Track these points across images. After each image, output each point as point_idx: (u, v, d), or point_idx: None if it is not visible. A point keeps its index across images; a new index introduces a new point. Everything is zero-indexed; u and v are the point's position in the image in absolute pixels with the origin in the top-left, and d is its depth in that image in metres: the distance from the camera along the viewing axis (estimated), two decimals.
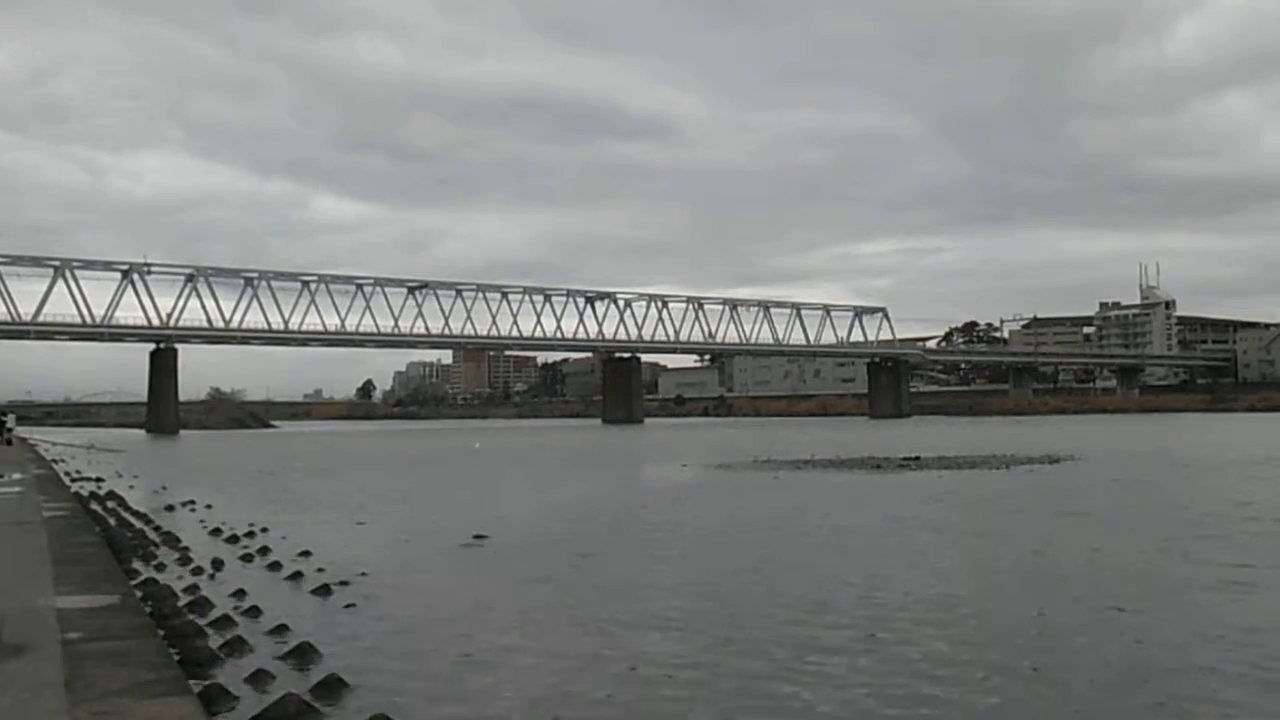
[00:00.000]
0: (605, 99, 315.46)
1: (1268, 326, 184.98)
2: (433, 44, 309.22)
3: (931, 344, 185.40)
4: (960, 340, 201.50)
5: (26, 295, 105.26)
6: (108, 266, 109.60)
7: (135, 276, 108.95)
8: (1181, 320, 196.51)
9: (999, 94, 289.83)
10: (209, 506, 23.35)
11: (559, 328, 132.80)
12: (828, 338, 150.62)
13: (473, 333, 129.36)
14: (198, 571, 13.66)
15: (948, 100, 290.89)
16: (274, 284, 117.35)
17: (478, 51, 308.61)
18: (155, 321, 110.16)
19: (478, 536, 17.03)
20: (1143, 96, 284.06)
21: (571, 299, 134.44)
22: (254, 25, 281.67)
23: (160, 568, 13.89)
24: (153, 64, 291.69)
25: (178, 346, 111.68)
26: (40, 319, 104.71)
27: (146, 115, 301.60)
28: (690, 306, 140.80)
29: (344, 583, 12.56)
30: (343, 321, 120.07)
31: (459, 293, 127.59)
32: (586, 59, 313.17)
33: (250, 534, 17.74)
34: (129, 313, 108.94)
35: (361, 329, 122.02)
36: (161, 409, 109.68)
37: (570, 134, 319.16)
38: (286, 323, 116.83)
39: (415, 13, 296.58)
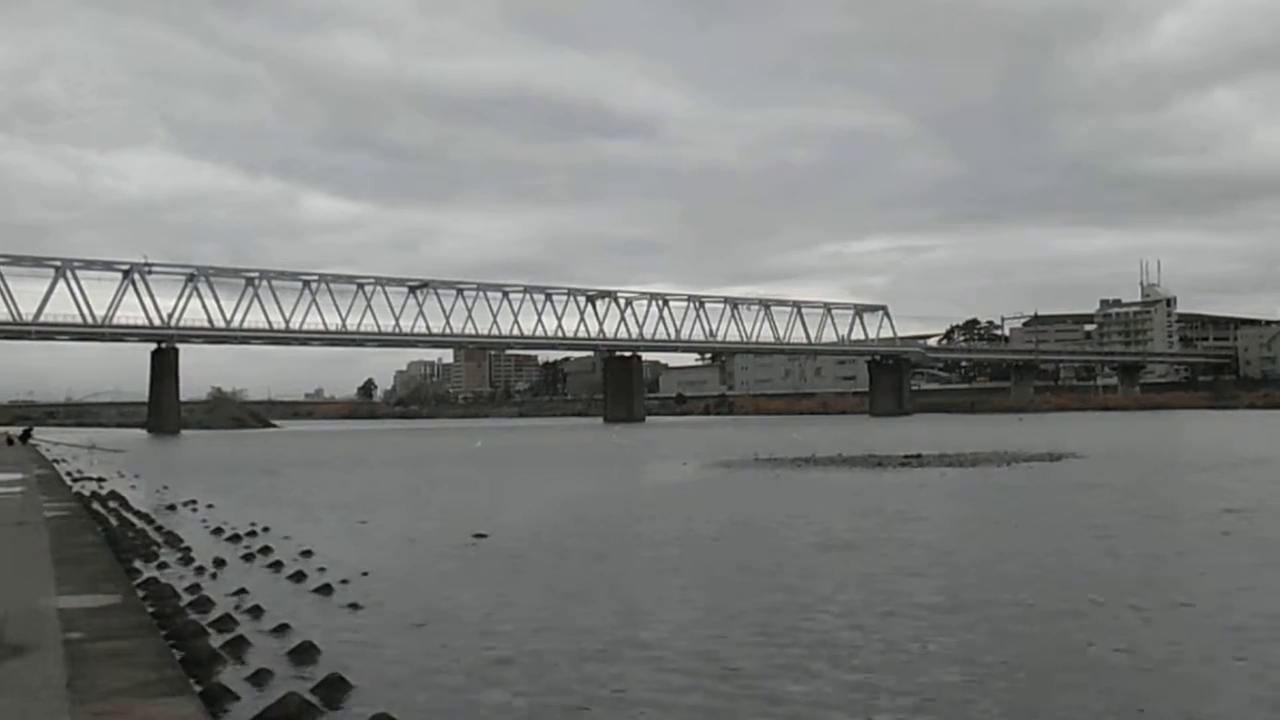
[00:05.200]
0: (590, 97, 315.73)
1: (1269, 324, 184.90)
2: (415, 42, 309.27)
3: (933, 342, 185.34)
4: (961, 338, 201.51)
5: (27, 296, 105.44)
6: (108, 267, 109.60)
7: (136, 276, 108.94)
8: (1182, 318, 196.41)
9: (984, 91, 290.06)
10: (210, 506, 23.36)
11: (560, 326, 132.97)
12: (828, 336, 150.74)
13: (474, 332, 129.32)
14: (199, 571, 13.67)
15: (934, 98, 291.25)
16: (274, 284, 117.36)
17: (460, 49, 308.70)
18: (156, 321, 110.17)
19: (479, 536, 17.04)
20: (1128, 93, 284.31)
21: (572, 298, 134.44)
22: (232, 22, 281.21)
23: (162, 567, 13.90)
24: (135, 62, 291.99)
25: (178, 346, 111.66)
26: (41, 319, 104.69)
27: (132, 114, 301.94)
28: (691, 305, 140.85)
29: (345, 582, 12.57)
30: (343, 321, 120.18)
31: (460, 292, 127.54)
32: (568, 57, 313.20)
33: (252, 533, 17.75)
34: (130, 313, 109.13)
35: (362, 328, 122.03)
36: (162, 409, 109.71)
37: (557, 132, 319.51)
38: (287, 322, 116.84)
39: (395, 10, 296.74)
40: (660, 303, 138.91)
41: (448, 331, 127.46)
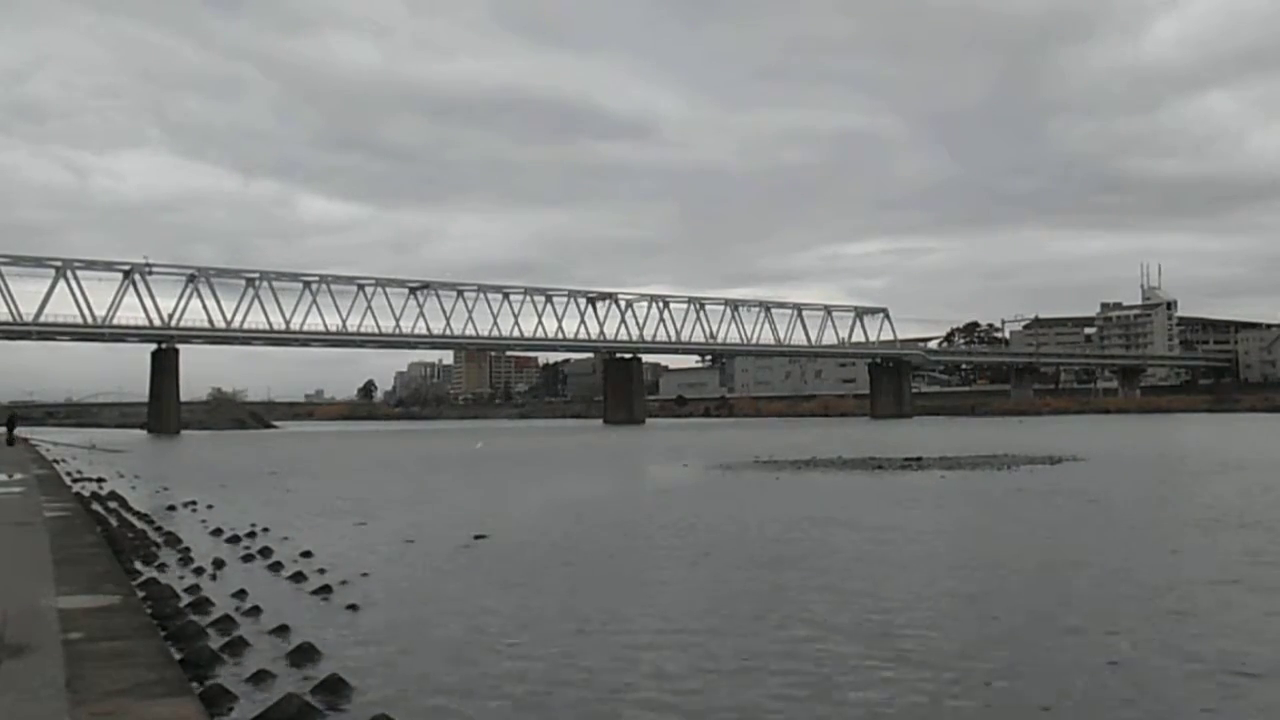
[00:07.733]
0: (584, 98, 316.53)
1: (1269, 327, 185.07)
2: (407, 43, 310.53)
3: (933, 344, 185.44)
4: (962, 341, 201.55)
5: (27, 296, 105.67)
6: (109, 267, 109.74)
7: (136, 277, 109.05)
8: (1183, 321, 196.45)
9: (979, 93, 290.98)
10: (210, 507, 23.35)
11: (560, 328, 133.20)
12: (829, 338, 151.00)
13: (474, 333, 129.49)
14: (199, 572, 13.67)
15: (929, 100, 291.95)
16: (275, 284, 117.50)
17: (452, 51, 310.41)
18: (156, 322, 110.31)
19: (479, 537, 17.05)
20: (1122, 96, 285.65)
21: (573, 299, 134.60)
22: (225, 23, 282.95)
23: (162, 568, 13.90)
24: (130, 63, 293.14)
25: (179, 347, 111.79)
26: (41, 319, 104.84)
27: (127, 115, 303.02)
28: (691, 307, 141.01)
29: (345, 583, 12.57)
30: (344, 322, 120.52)
31: (460, 293, 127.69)
32: (561, 58, 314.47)
33: (251, 534, 17.75)
34: (130, 313, 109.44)
35: (362, 329, 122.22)
36: (163, 409, 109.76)
37: (551, 134, 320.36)
38: (288, 323, 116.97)
39: (387, 11, 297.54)
40: (660, 304, 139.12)
41: (448, 333, 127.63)
